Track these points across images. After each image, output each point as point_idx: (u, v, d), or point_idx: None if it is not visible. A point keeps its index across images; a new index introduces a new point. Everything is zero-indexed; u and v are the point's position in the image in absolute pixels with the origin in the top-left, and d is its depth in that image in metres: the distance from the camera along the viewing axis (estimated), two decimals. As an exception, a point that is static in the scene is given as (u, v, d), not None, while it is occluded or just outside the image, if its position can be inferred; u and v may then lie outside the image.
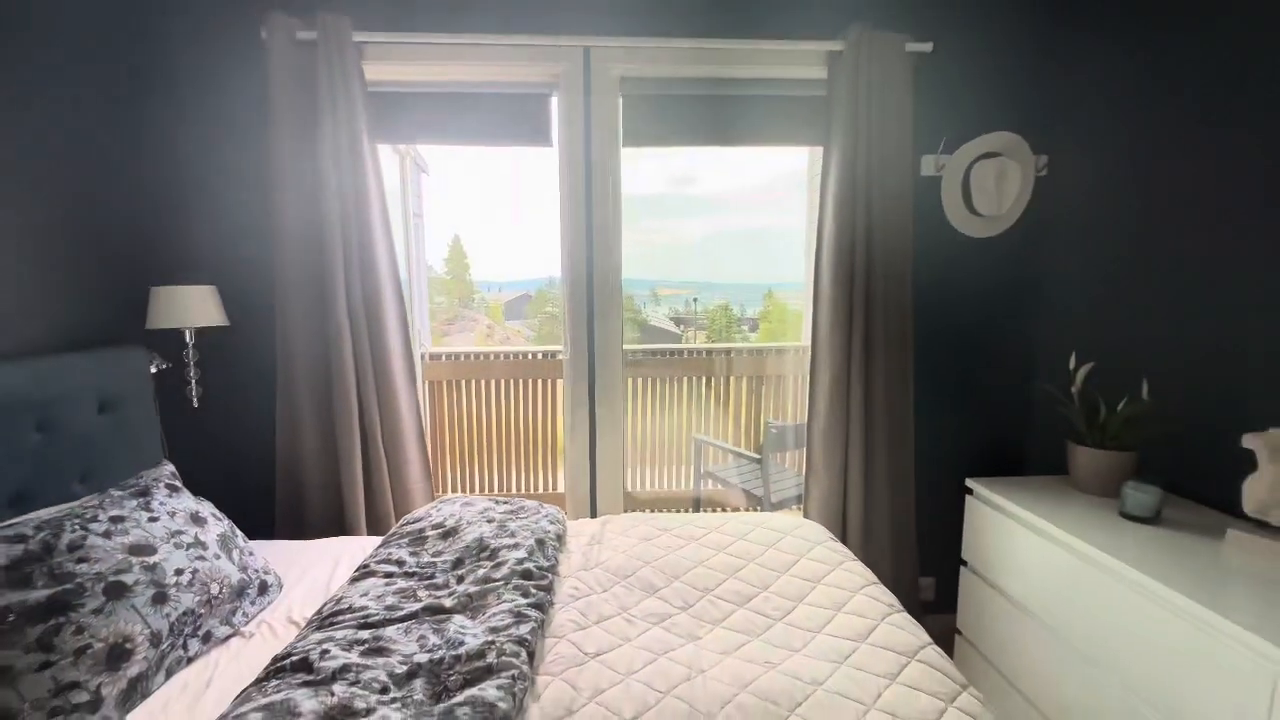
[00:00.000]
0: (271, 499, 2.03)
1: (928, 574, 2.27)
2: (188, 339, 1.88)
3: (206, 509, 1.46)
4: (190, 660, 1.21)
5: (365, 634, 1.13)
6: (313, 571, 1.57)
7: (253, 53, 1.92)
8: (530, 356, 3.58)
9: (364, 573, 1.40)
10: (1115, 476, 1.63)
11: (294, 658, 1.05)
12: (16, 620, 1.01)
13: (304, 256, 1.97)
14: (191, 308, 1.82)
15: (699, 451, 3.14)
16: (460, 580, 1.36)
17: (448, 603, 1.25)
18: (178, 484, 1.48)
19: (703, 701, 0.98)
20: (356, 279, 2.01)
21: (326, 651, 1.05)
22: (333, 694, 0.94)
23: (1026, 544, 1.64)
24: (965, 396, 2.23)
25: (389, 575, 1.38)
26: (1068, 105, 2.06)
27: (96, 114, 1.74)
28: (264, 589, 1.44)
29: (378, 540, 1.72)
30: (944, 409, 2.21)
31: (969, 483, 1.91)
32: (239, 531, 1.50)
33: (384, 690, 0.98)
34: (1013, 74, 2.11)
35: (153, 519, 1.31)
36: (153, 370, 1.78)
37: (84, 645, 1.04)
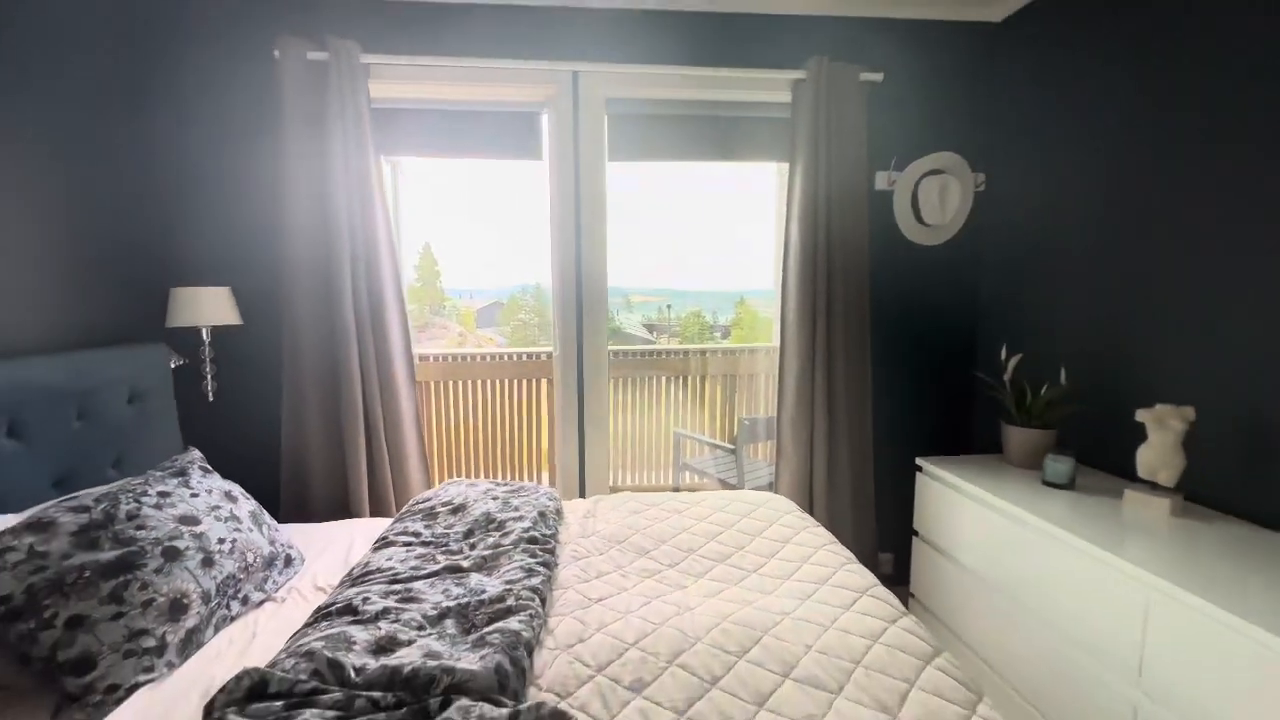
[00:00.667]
0: (279, 486, 2.15)
1: (885, 549, 2.50)
2: (204, 337, 2.00)
3: (236, 489, 1.60)
4: (233, 619, 1.35)
5: (397, 587, 1.29)
6: (331, 548, 1.72)
7: (265, 71, 2.07)
8: (516, 358, 3.74)
9: (384, 543, 1.56)
10: (1039, 451, 1.89)
11: (338, 604, 1.21)
12: (91, 576, 1.15)
13: (313, 260, 2.11)
14: (208, 307, 1.95)
15: (678, 444, 3.35)
16: (473, 547, 1.53)
17: (465, 564, 1.42)
18: (208, 467, 1.62)
19: (691, 629, 1.17)
20: (363, 282, 2.16)
21: (367, 599, 1.22)
22: (380, 628, 1.11)
23: (968, 513, 1.89)
24: (916, 385, 2.48)
25: (408, 544, 1.54)
26: (1003, 130, 2.35)
27: (119, 130, 1.87)
28: (289, 561, 1.58)
29: (387, 521, 1.87)
30: (897, 397, 2.46)
31: (919, 461, 2.15)
32: (265, 510, 1.64)
33: (420, 627, 1.15)
34: (954, 101, 2.38)
35: (194, 495, 1.44)
36: (172, 366, 1.90)
37: (149, 599, 1.18)
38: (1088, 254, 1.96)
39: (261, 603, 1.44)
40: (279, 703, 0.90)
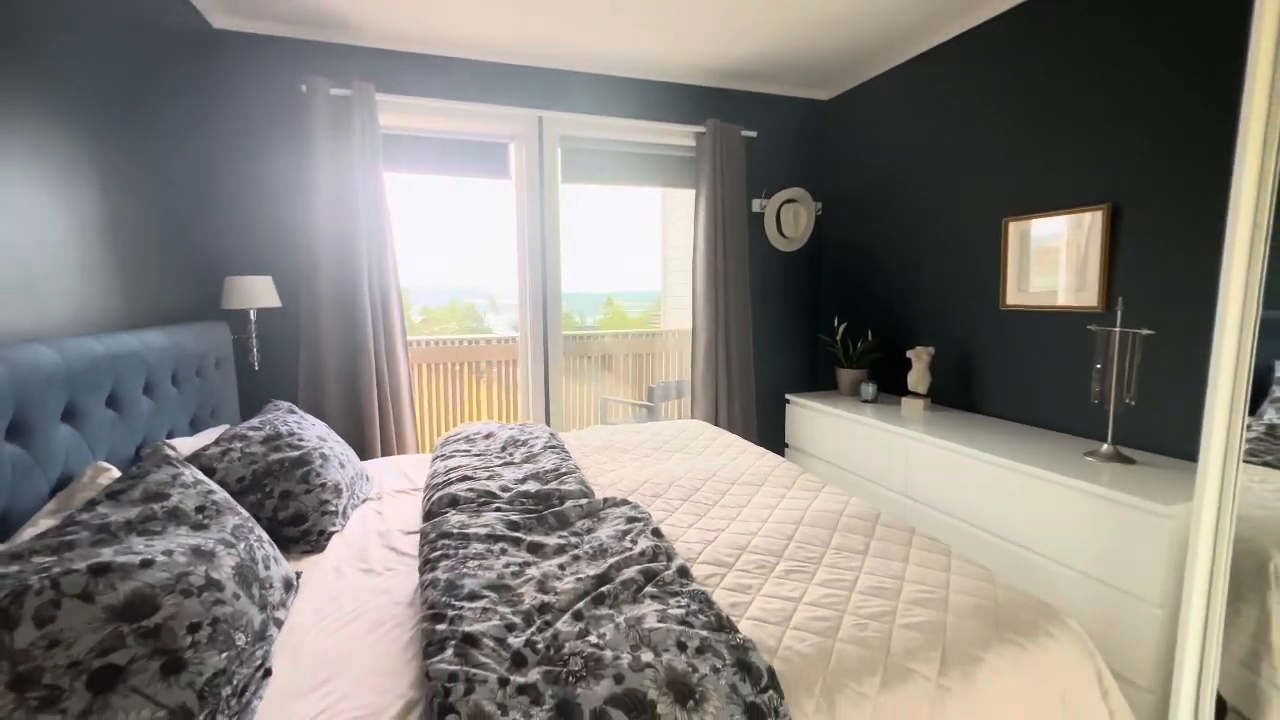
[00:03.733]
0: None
1: (766, 467, 3.52)
2: (251, 317, 2.43)
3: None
4: (356, 507, 1.93)
5: (481, 470, 1.96)
6: (389, 472, 2.28)
7: (291, 102, 2.54)
8: (469, 343, 4.28)
9: (444, 458, 2.18)
10: (857, 383, 2.99)
11: (453, 479, 1.86)
12: (288, 466, 1.70)
13: (337, 256, 2.62)
14: (255, 293, 2.39)
15: (604, 408, 4.14)
16: (511, 455, 2.22)
17: (515, 460, 2.12)
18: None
19: (675, 474, 2.00)
20: (376, 276, 2.70)
21: (474, 472, 1.88)
22: (495, 482, 1.80)
23: (820, 425, 2.93)
24: (782, 347, 3.53)
25: (464, 454, 2.19)
26: (832, 172, 3.46)
27: (184, 154, 2.25)
28: (368, 478, 2.15)
29: (423, 456, 2.46)
30: (771, 355, 3.49)
31: (788, 397, 3.18)
32: (343, 442, 2.18)
33: (517, 483, 1.85)
34: (801, 152, 3.46)
35: (312, 424, 1.98)
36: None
37: (323, 482, 1.74)
38: (882, 255, 3.10)
39: (364, 500, 2.02)
40: (471, 505, 1.59)
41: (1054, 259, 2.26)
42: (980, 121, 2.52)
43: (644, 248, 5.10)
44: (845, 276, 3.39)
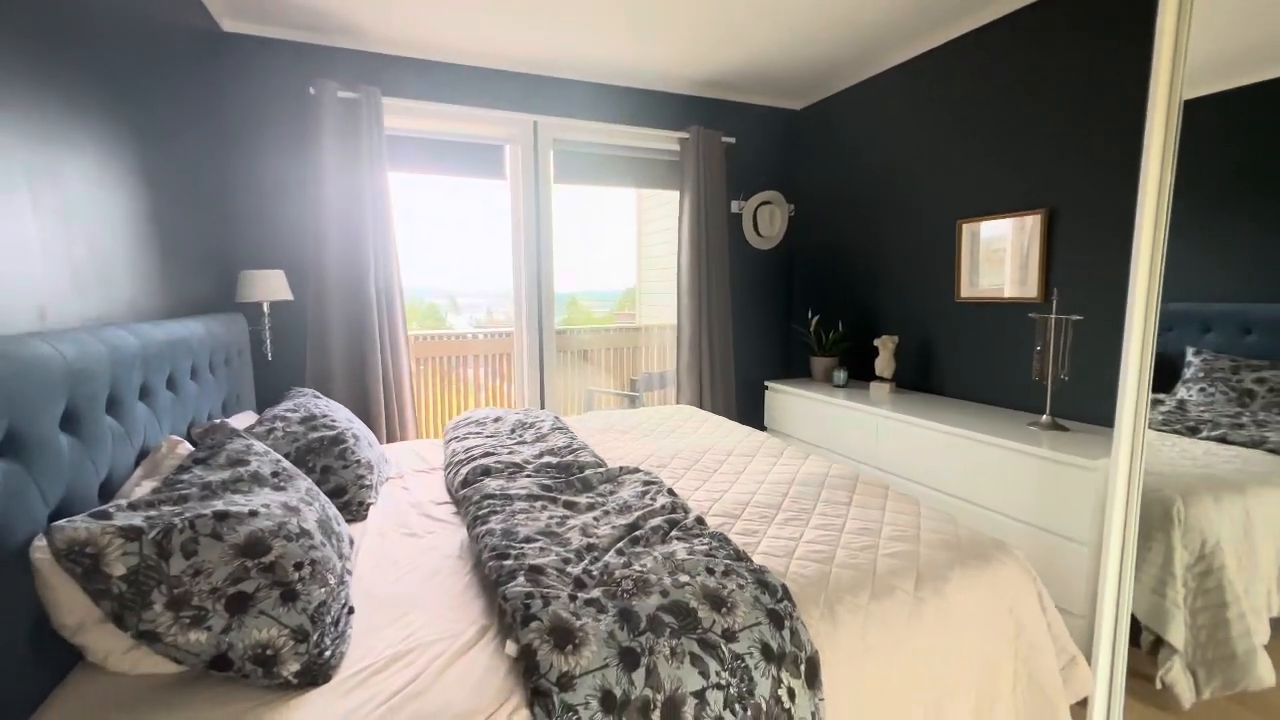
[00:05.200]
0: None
1: (745, 450, 3.78)
2: (265, 309, 2.53)
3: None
4: (383, 484, 2.07)
5: (501, 449, 2.14)
6: (404, 454, 2.43)
7: (300, 104, 2.65)
8: (456, 338, 4.39)
9: (459, 439, 2.35)
10: (830, 370, 3.27)
11: (475, 455, 2.03)
12: (326, 444, 1.84)
13: (345, 252, 2.73)
14: (268, 286, 2.49)
15: (590, 398, 4.33)
16: (522, 437, 2.40)
17: (528, 440, 2.30)
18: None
19: (676, 449, 2.22)
20: (382, 270, 2.83)
21: (497, 448, 2.06)
22: (517, 457, 1.98)
23: (797, 408, 3.20)
24: (760, 338, 3.80)
25: (478, 435, 2.35)
26: (803, 176, 3.74)
27: (199, 152, 2.33)
28: (387, 460, 2.29)
29: (434, 440, 2.61)
30: (750, 346, 3.75)
31: (767, 384, 3.44)
32: (362, 426, 2.31)
33: (537, 458, 2.04)
34: (776, 157, 3.72)
35: (338, 408, 2.12)
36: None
37: (357, 459, 1.89)
38: (850, 253, 3.39)
39: (389, 479, 2.17)
40: (503, 473, 1.77)
41: (1000, 257, 2.57)
42: (936, 132, 2.82)
43: (612, 248, 5.30)
44: (817, 273, 3.68)
